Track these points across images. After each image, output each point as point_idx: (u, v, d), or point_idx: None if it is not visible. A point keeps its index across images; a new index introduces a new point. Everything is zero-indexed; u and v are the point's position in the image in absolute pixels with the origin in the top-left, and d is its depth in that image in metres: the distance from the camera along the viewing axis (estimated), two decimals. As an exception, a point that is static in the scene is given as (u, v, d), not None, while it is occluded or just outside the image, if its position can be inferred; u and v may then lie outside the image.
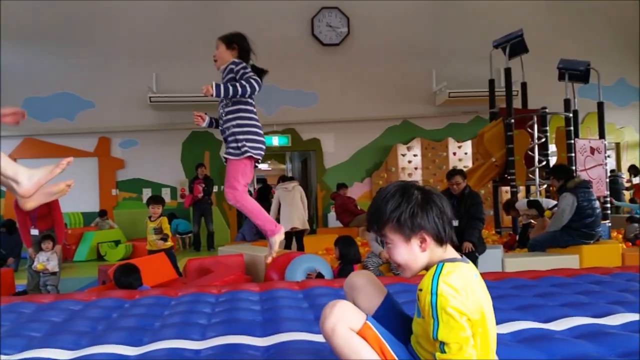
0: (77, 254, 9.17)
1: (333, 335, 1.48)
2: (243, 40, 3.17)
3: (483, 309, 1.45)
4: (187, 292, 3.33)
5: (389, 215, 1.51)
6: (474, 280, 1.49)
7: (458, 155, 11.14)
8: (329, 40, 11.14)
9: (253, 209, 2.97)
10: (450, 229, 1.53)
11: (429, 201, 1.52)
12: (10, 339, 2.39)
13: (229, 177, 2.97)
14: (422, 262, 1.53)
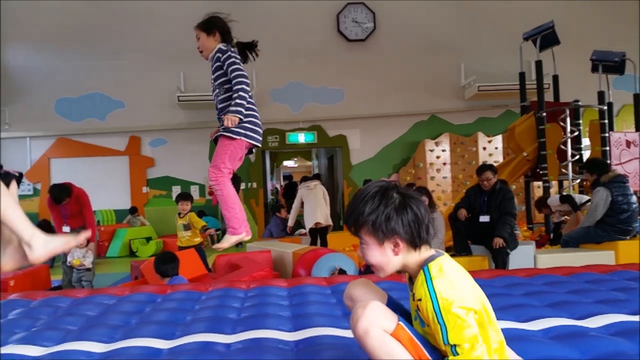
0: (110, 250, 9.39)
1: (366, 336, 1.45)
2: (220, 21, 3.03)
3: (479, 295, 1.48)
4: (216, 287, 3.37)
5: (366, 218, 1.51)
6: (458, 268, 1.51)
7: (488, 150, 10.96)
8: (354, 36, 11.09)
9: (229, 199, 2.83)
10: (426, 233, 1.52)
11: (406, 206, 1.50)
12: (48, 332, 2.47)
13: (216, 157, 2.84)
14: (395, 264, 1.54)
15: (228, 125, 2.79)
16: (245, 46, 3.12)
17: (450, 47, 10.99)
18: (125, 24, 10.77)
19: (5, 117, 10.78)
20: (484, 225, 5.02)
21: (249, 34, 11.57)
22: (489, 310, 1.51)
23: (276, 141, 11.11)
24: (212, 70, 2.96)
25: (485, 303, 1.51)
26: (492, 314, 1.53)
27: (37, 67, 10.82)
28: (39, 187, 10.87)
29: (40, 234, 1.75)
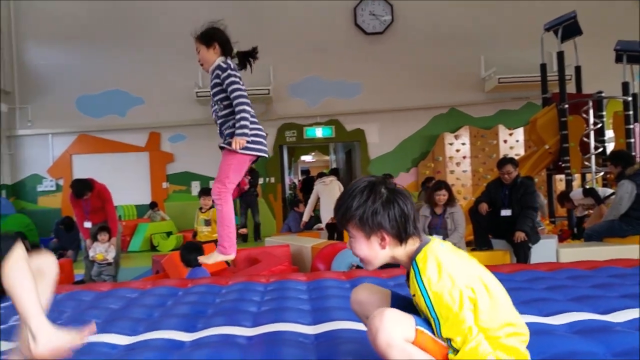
0: (132, 244, 9.54)
1: (389, 349, 1.42)
2: (219, 33, 3.01)
3: (477, 274, 1.49)
4: (237, 280, 3.40)
5: (353, 212, 1.53)
6: (446, 251, 1.51)
7: (509, 143, 10.81)
8: (372, 29, 11.02)
9: (227, 216, 2.81)
10: (413, 227, 1.53)
11: (393, 201, 1.52)
12: (71, 325, 2.51)
13: (220, 172, 2.84)
14: (382, 257, 1.57)
15: (236, 148, 2.78)
16: (246, 55, 3.07)
17: (469, 39, 10.85)
18: (144, 21, 10.87)
19: (28, 115, 10.98)
20: (505, 219, 4.96)
21: (266, 29, 11.73)
22: (493, 289, 1.50)
23: (294, 136, 11.12)
24: (210, 85, 2.93)
25: (488, 282, 1.51)
26: (498, 294, 1.51)
27: (59, 65, 11.00)
28: (61, 183, 11.06)
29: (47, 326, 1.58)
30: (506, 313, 1.51)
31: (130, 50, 10.89)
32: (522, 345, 1.52)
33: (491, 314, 1.45)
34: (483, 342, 1.41)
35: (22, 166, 11.10)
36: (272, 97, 10.59)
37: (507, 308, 1.53)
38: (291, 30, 10.85)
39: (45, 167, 11.07)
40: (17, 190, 11.05)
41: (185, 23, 10.79)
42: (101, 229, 5.47)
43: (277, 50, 10.82)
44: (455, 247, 1.58)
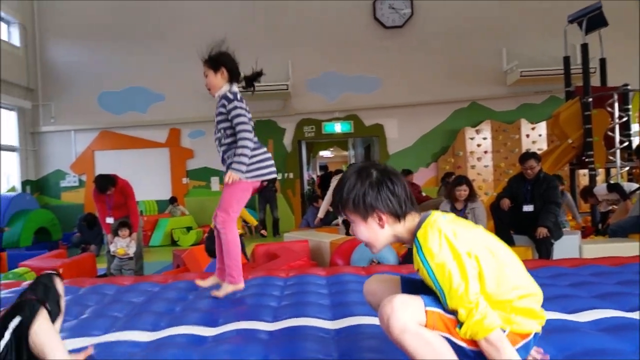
0: (153, 239, 9.66)
1: (404, 335, 1.42)
2: (228, 58, 2.96)
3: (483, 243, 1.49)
4: (256, 275, 3.41)
5: (346, 197, 1.56)
6: (446, 221, 1.51)
7: (531, 138, 10.64)
8: (391, 22, 10.93)
9: (233, 244, 2.77)
10: (409, 204, 1.55)
11: (382, 182, 1.54)
12: (96, 319, 2.55)
13: (224, 201, 2.78)
14: (384, 237, 1.58)
15: (227, 182, 2.76)
16: (252, 78, 3.05)
17: (491, 32, 10.69)
18: (165, 19, 10.96)
19: (51, 111, 11.19)
20: (528, 215, 4.89)
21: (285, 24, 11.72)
22: (500, 255, 1.50)
23: (312, 131, 11.11)
24: (215, 112, 2.89)
25: (495, 248, 1.51)
26: (506, 259, 1.51)
27: (81, 63, 11.17)
28: (83, 179, 11.25)
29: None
30: (516, 277, 1.51)
31: (150, 47, 10.99)
32: (536, 305, 1.53)
33: (500, 280, 1.46)
34: (489, 316, 1.40)
35: (45, 162, 11.32)
36: (291, 93, 10.59)
37: (517, 272, 1.52)
38: (310, 25, 10.83)
39: (68, 163, 11.27)
40: (41, 186, 11.28)
41: (205, 19, 10.98)
42: (121, 224, 5.54)
43: (295, 46, 10.83)
44: (457, 218, 1.58)
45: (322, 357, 1.94)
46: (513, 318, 1.47)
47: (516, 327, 1.48)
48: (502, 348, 1.41)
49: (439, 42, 10.80)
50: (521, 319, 1.48)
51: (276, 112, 11.02)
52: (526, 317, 1.49)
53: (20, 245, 8.40)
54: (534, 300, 1.52)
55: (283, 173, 11.02)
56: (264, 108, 10.86)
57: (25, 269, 5.48)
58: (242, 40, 10.78)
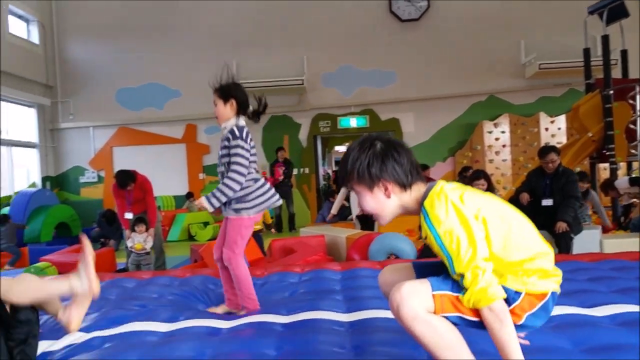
0: (170, 234, 9.76)
1: (414, 322, 1.44)
2: (239, 91, 2.95)
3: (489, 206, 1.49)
4: (272, 271, 3.43)
5: (350, 168, 1.55)
6: (454, 189, 1.50)
7: (550, 131, 10.48)
8: (407, 15, 10.83)
9: (243, 277, 2.74)
10: (415, 173, 1.55)
11: (387, 151, 1.53)
12: (117, 311, 2.60)
13: (229, 240, 2.77)
14: (391, 207, 1.57)
15: (199, 206, 2.75)
16: (258, 112, 3.06)
17: (509, 24, 10.53)
18: (181, 15, 11.02)
19: (70, 108, 11.34)
20: (547, 209, 4.82)
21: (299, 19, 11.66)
22: (509, 218, 1.50)
23: (327, 126, 11.09)
24: (220, 145, 2.89)
25: (504, 212, 1.51)
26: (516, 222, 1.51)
27: (99, 60, 11.30)
28: (102, 175, 11.40)
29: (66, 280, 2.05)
30: (526, 238, 1.51)
31: (167, 44, 11.07)
32: (549, 264, 1.52)
33: (509, 241, 1.46)
34: (494, 285, 1.40)
35: (65, 158, 11.49)
36: (306, 88, 10.58)
37: (527, 233, 1.52)
38: (325, 19, 10.79)
39: (87, 159, 11.43)
40: (61, 182, 11.46)
41: (220, 15, 11.00)
42: (138, 220, 5.61)
43: (310, 40, 10.80)
44: (463, 184, 1.58)
45: (336, 349, 1.95)
46: (526, 280, 1.47)
47: (531, 288, 1.48)
48: (505, 320, 1.40)
49: (455, 34, 10.68)
50: (535, 280, 1.48)
51: (292, 108, 11.02)
52: (540, 277, 1.49)
53: (41, 240, 8.54)
54: (546, 260, 1.51)
55: (299, 168, 11.02)
56: (279, 103, 10.87)
57: (47, 263, 5.58)
58: (257, 35, 10.89)
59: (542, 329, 2.07)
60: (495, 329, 1.40)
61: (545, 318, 1.53)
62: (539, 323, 1.52)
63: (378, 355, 1.88)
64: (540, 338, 1.98)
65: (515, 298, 1.47)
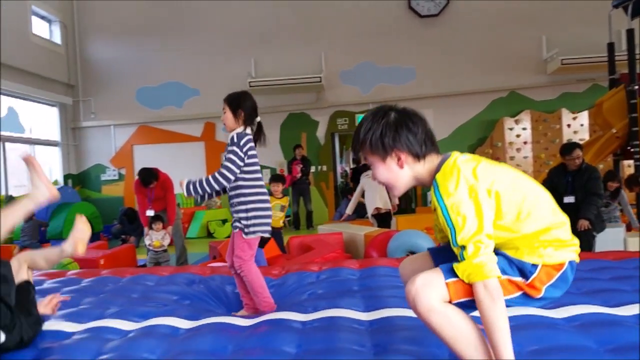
0: (189, 231, 9.85)
1: (430, 314, 1.44)
2: (248, 101, 2.98)
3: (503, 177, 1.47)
4: (290, 270, 3.43)
5: (363, 138, 1.54)
6: (467, 161, 1.48)
7: (573, 127, 10.29)
8: (427, 11, 10.73)
9: (256, 281, 2.79)
10: (429, 144, 1.52)
11: (401, 121, 1.51)
12: (137, 307, 2.63)
13: (236, 248, 2.83)
14: (404, 178, 1.55)
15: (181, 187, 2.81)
16: (261, 129, 3.08)
17: (530, 18, 10.35)
18: (200, 15, 11.09)
19: (91, 107, 11.51)
20: (569, 207, 4.72)
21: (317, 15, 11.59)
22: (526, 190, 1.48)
23: (345, 124, 11.05)
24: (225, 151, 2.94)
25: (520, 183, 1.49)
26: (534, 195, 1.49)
27: (119, 59, 11.44)
28: (123, 173, 11.54)
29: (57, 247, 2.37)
30: (541, 209, 1.49)
31: (186, 43, 11.15)
32: (565, 234, 1.50)
33: (524, 213, 1.45)
34: (492, 262, 1.39)
35: (86, 156, 11.67)
36: (324, 85, 10.55)
37: (542, 204, 1.50)
38: (343, 16, 10.75)
39: (108, 157, 11.59)
40: (82, 180, 11.64)
41: (239, 14, 11.03)
42: (155, 218, 5.67)
43: (328, 37, 10.78)
44: (477, 156, 1.55)
45: (356, 347, 1.94)
46: (542, 252, 1.46)
47: (548, 260, 1.47)
48: (497, 299, 1.39)
49: (476, 30, 10.55)
50: (551, 251, 1.47)
51: (309, 105, 11.01)
52: (556, 248, 1.47)
53: (63, 237, 8.67)
54: (562, 230, 1.50)
55: (316, 166, 11.02)
56: (297, 101, 10.88)
57: (69, 259, 5.67)
58: (275, 33, 10.91)
59: (566, 328, 2.05)
60: (486, 306, 1.38)
61: (565, 288, 1.51)
62: (559, 294, 1.51)
63: (398, 353, 1.86)
64: (564, 337, 1.95)
65: (532, 271, 1.47)
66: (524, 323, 2.12)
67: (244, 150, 2.81)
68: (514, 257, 1.50)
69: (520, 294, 1.49)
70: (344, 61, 10.78)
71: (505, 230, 1.46)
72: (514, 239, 1.47)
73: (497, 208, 1.44)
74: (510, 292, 1.48)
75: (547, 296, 1.49)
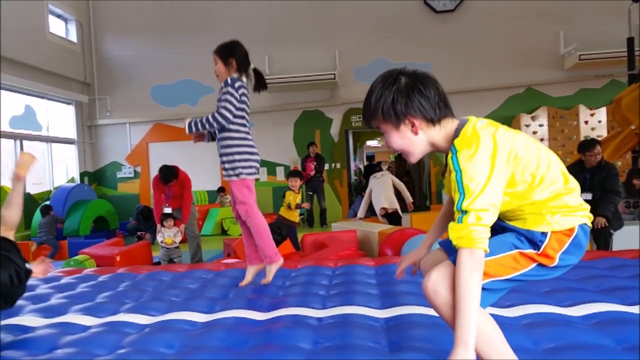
0: (204, 228, 9.91)
1: (447, 309, 1.43)
2: (238, 48, 3.04)
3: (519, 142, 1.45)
4: (305, 264, 3.43)
5: (374, 106, 1.49)
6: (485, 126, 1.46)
7: (590, 124, 10.14)
8: (442, 7, 10.65)
9: (260, 227, 2.86)
10: (443, 107, 1.47)
11: (413, 86, 1.46)
12: (154, 302, 2.66)
13: (236, 196, 2.92)
14: (420, 144, 1.51)
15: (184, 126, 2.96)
16: (260, 76, 3.16)
17: (548, 13, 10.22)
18: (212, 11, 11.13)
19: (107, 105, 11.63)
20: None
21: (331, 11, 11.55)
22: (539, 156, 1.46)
23: (359, 121, 11.01)
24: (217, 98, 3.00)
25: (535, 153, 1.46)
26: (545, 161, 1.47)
27: (134, 57, 11.53)
28: (138, 170, 11.65)
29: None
30: (554, 176, 1.47)
31: (199, 41, 11.18)
32: (574, 200, 1.48)
33: (536, 181, 1.43)
34: (486, 234, 1.36)
35: (102, 154, 11.81)
36: (338, 82, 10.53)
37: (554, 171, 1.48)
38: (357, 12, 10.71)
39: (124, 155, 11.71)
40: (98, 177, 11.78)
41: (252, 11, 11.04)
42: (166, 215, 5.72)
43: (342, 33, 10.75)
44: (494, 121, 1.53)
45: (371, 344, 1.94)
46: (550, 219, 1.44)
47: (557, 227, 1.45)
48: (478, 269, 1.37)
49: (492, 26, 10.44)
50: (559, 218, 1.45)
51: (323, 102, 11.00)
52: (564, 214, 1.45)
53: (79, 233, 8.81)
54: (572, 196, 1.48)
55: (330, 163, 11.02)
56: (311, 98, 10.87)
57: (85, 256, 5.75)
58: (289, 30, 10.90)
59: (583, 326, 2.03)
60: (466, 272, 1.36)
61: (580, 254, 1.49)
62: (575, 260, 1.49)
63: (414, 351, 1.86)
64: (581, 335, 1.94)
65: (542, 240, 1.45)
66: (540, 321, 2.10)
67: (239, 94, 2.87)
68: (522, 229, 1.49)
69: (535, 265, 1.47)
70: (358, 58, 10.74)
71: (516, 197, 1.44)
72: (523, 206, 1.45)
73: (511, 175, 1.43)
74: (524, 265, 1.46)
75: (563, 264, 1.47)
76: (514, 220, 1.51)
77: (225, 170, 2.95)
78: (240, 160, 2.90)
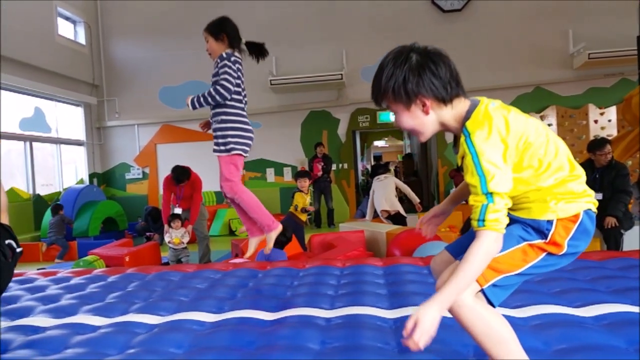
0: (212, 229, 9.94)
1: (460, 310, 1.42)
2: (228, 24, 3.04)
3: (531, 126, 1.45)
4: (313, 264, 3.43)
5: (385, 86, 1.46)
6: (497, 109, 1.45)
7: (600, 123, 10.06)
8: (450, 6, 10.61)
9: (250, 201, 2.89)
10: (455, 86, 1.44)
11: (424, 64, 1.42)
12: (163, 302, 2.67)
13: (222, 172, 2.93)
14: (430, 124, 1.48)
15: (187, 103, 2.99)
16: (255, 46, 3.14)
17: (556, 12, 10.14)
18: (220, 13, 11.10)
19: (115, 107, 11.70)
20: (596, 204, 4.63)
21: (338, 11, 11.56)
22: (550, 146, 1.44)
23: (367, 121, 11.01)
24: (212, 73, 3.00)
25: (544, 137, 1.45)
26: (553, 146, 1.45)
27: (142, 59, 11.59)
28: (147, 171, 11.71)
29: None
30: (561, 162, 1.46)
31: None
32: (579, 186, 1.47)
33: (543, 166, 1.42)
34: (505, 219, 1.35)
35: (111, 155, 11.87)
36: (345, 82, 10.52)
37: (561, 157, 1.47)
38: (364, 12, 10.69)
39: (133, 156, 11.76)
40: (107, 178, 11.85)
41: (259, 11, 11.06)
42: (173, 216, 5.75)
43: (349, 33, 10.74)
44: (505, 105, 1.52)
45: (380, 345, 1.93)
46: (554, 207, 1.43)
47: (562, 214, 1.44)
48: (496, 252, 1.37)
49: (500, 24, 10.39)
50: (563, 205, 1.44)
51: (330, 103, 11.00)
52: (568, 201, 1.44)
53: (89, 234, 8.86)
54: (577, 182, 1.46)
55: (337, 164, 11.01)
56: (318, 99, 10.87)
57: (95, 257, 5.79)
58: (295, 31, 10.91)
59: (595, 327, 2.01)
60: (484, 252, 1.35)
61: (588, 239, 1.48)
62: (583, 246, 1.48)
63: (423, 352, 1.84)
64: (592, 336, 1.92)
65: (549, 228, 1.44)
66: (552, 321, 2.09)
67: (235, 68, 2.89)
68: (527, 219, 1.48)
69: (544, 255, 1.46)
70: (365, 58, 10.72)
71: (521, 182, 1.43)
72: (528, 192, 1.44)
73: (519, 159, 1.42)
74: (533, 257, 1.46)
75: (571, 251, 1.46)
76: (518, 210, 1.50)
77: (216, 145, 2.95)
78: (233, 135, 2.91)
